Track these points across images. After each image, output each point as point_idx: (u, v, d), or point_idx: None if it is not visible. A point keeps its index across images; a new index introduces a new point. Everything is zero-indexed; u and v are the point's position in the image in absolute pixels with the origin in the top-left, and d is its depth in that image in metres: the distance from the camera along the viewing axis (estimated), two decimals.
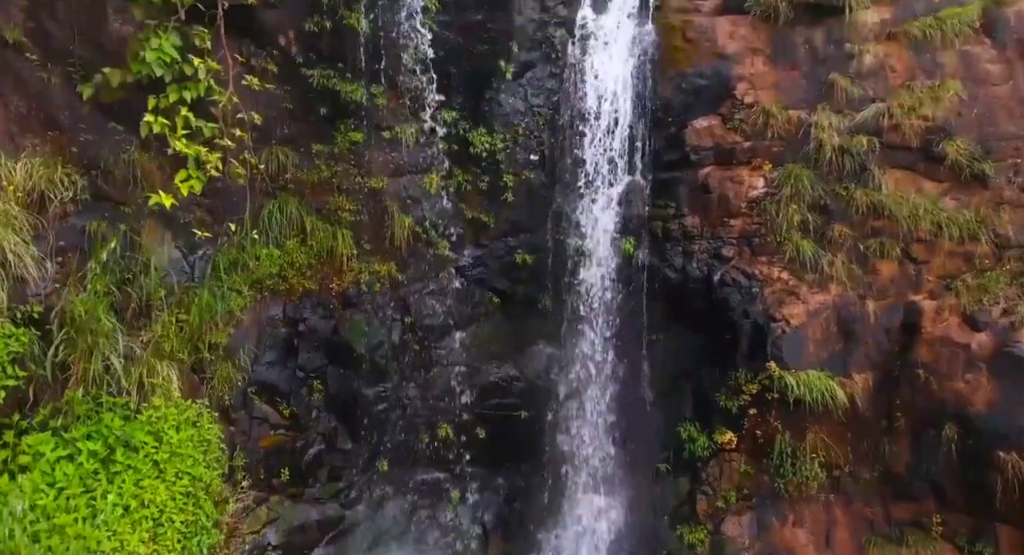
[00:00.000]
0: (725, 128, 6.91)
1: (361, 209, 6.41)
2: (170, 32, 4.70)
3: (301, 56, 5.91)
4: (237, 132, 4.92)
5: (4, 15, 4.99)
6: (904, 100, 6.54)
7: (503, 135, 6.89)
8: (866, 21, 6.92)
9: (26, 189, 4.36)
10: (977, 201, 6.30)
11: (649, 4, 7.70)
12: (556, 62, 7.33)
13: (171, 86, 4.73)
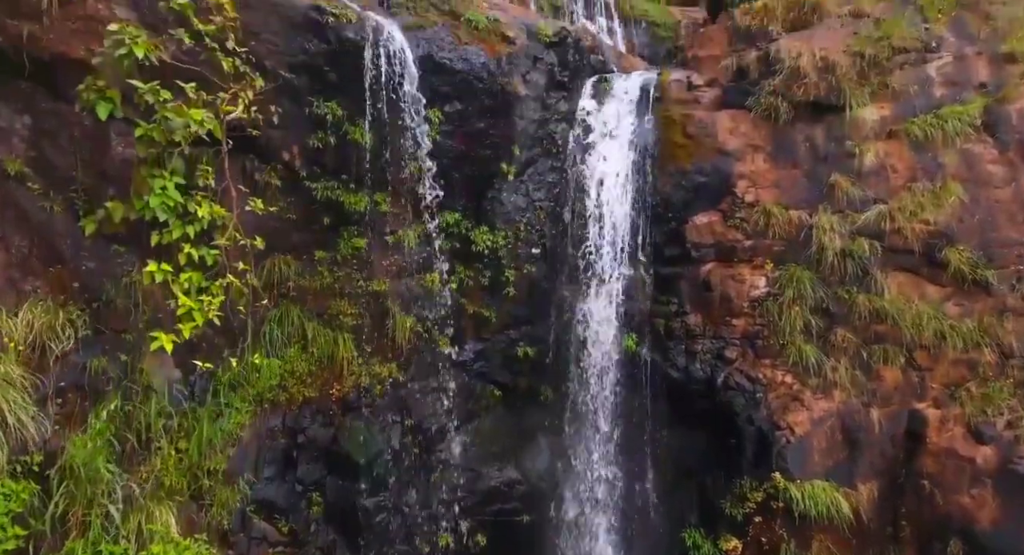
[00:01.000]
0: (726, 225, 6.92)
1: (363, 312, 6.40)
2: (174, 168, 4.72)
3: (305, 170, 5.91)
4: (240, 265, 4.92)
5: (5, 147, 5.01)
6: (905, 203, 6.55)
7: (505, 232, 6.89)
8: (866, 118, 6.94)
9: (27, 343, 4.36)
10: (980, 308, 6.29)
11: (649, 95, 7.77)
12: (557, 156, 7.35)
13: (175, 222, 4.74)
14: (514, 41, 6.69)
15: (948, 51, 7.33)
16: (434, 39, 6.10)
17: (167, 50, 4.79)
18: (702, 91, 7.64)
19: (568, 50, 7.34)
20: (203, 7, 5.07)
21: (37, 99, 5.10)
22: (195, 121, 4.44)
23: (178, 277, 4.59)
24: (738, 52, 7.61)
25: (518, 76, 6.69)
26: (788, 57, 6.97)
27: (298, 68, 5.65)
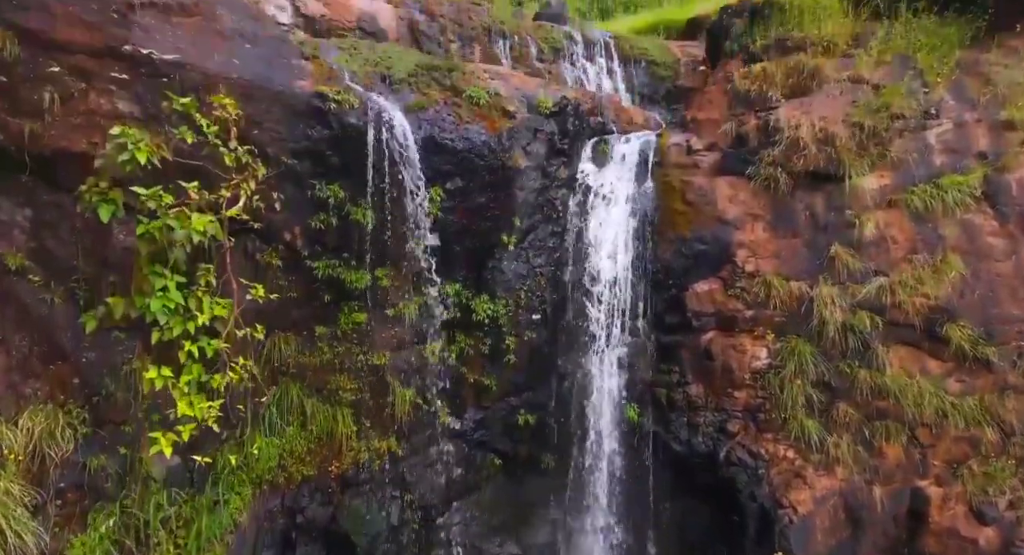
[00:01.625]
0: (726, 294, 6.92)
1: (362, 386, 6.38)
2: (175, 265, 4.72)
3: (307, 249, 5.91)
4: (241, 361, 4.91)
5: (7, 241, 5.01)
6: (906, 276, 6.56)
7: (505, 300, 6.88)
8: (866, 188, 6.96)
9: (27, 452, 4.35)
10: (982, 385, 6.29)
11: (649, 160, 7.79)
12: (557, 221, 7.35)
13: (175, 320, 4.73)
14: (514, 115, 6.71)
15: (948, 117, 7.36)
16: (435, 120, 6.12)
17: (169, 147, 4.80)
18: (701, 155, 7.66)
19: (568, 118, 7.37)
20: (206, 102, 5.12)
21: (38, 192, 5.11)
22: (198, 231, 4.45)
23: (179, 381, 4.58)
24: (737, 116, 7.64)
25: (519, 149, 6.71)
26: (787, 127, 7.00)
27: (300, 154, 5.66)
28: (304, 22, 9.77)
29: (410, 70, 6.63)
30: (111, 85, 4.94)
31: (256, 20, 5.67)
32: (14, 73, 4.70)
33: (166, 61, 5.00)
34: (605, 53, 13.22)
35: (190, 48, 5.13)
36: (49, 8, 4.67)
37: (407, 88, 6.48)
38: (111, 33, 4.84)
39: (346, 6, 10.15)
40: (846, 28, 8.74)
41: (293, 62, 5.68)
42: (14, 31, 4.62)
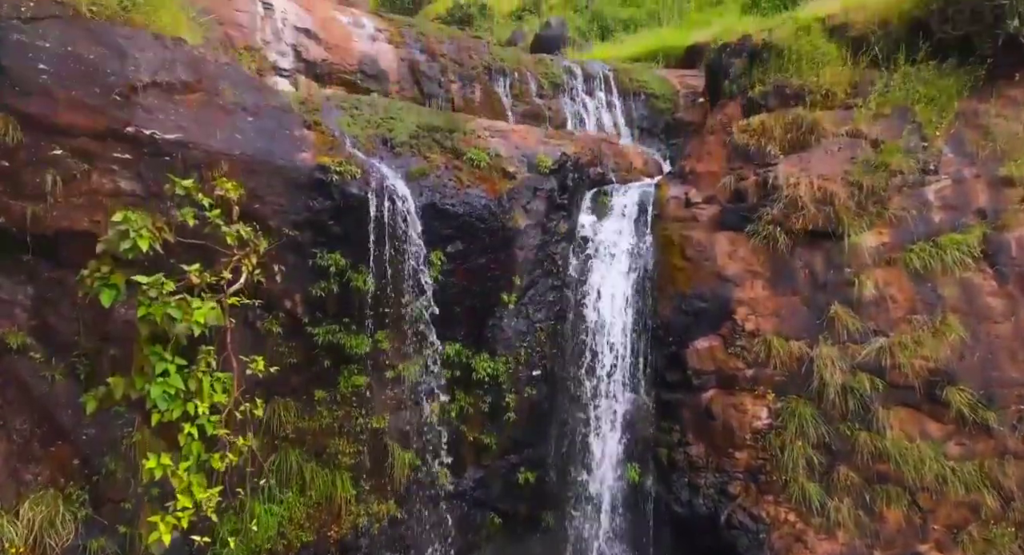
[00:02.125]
0: (726, 352, 6.93)
1: (362, 450, 6.37)
2: (175, 348, 4.72)
3: (307, 316, 5.92)
4: (241, 441, 4.91)
5: (8, 320, 5.01)
6: (906, 337, 6.56)
7: (506, 357, 6.88)
8: (865, 245, 6.98)
9: (27, 543, 4.34)
10: (982, 449, 6.28)
11: (648, 212, 7.82)
12: (557, 275, 7.37)
13: (175, 403, 4.73)
14: (515, 176, 6.75)
15: (947, 172, 7.39)
16: (437, 186, 6.15)
17: (171, 229, 4.82)
18: (700, 208, 7.69)
19: (567, 174, 7.41)
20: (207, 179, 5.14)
21: (40, 269, 5.11)
22: (199, 324, 4.46)
23: (178, 469, 4.57)
24: (736, 171, 7.68)
25: (519, 208, 6.74)
26: (786, 185, 7.03)
27: (302, 224, 5.67)
28: (306, 67, 9.86)
29: (411, 132, 6.66)
30: (113, 165, 4.97)
31: (258, 91, 5.70)
32: (16, 157, 4.72)
33: (169, 140, 5.03)
34: (604, 87, 13.30)
35: (192, 126, 5.16)
36: (51, 93, 4.70)
37: (408, 151, 6.50)
38: (113, 116, 4.87)
39: (347, 50, 10.22)
40: (844, 76, 8.79)
41: (295, 133, 5.71)
42: (16, 116, 4.64)
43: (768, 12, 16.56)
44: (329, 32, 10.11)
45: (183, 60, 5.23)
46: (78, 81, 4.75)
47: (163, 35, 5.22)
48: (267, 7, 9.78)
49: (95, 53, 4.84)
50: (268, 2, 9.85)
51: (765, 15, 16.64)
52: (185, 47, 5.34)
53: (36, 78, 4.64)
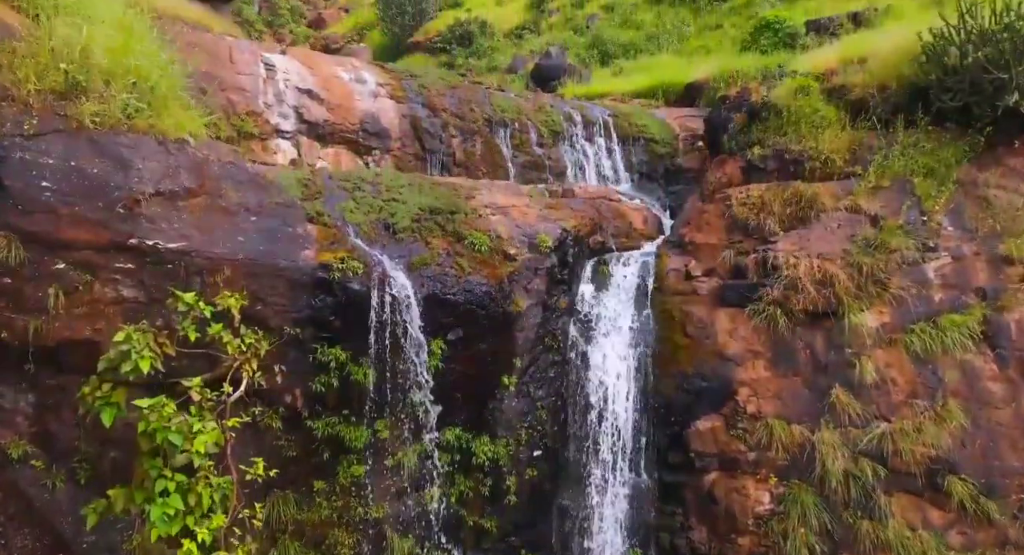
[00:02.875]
0: (728, 434, 6.91)
1: (361, 540, 6.35)
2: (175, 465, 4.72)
3: (307, 409, 5.92)
4: (240, 552, 4.90)
5: (10, 430, 5.02)
6: (907, 423, 6.55)
7: (506, 440, 6.86)
8: (865, 325, 6.98)
9: None
10: (983, 539, 6.25)
11: (648, 284, 7.84)
12: (558, 350, 7.36)
13: (175, 521, 4.72)
14: (515, 258, 6.77)
15: (946, 246, 7.40)
16: (438, 276, 6.16)
17: (173, 341, 4.83)
18: (700, 281, 7.70)
19: (568, 250, 7.43)
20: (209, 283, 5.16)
21: (41, 377, 5.12)
22: (199, 455, 4.46)
23: None
24: (735, 244, 7.70)
25: (519, 290, 6.75)
26: (786, 265, 7.06)
27: (303, 322, 5.69)
28: (307, 127, 9.90)
29: (413, 215, 6.68)
30: (116, 275, 4.99)
31: (261, 189, 5.73)
32: (18, 274, 4.73)
33: (171, 249, 5.05)
34: (604, 132, 13.36)
35: (195, 232, 5.18)
36: (55, 210, 4.72)
37: (410, 237, 6.51)
38: (117, 229, 4.90)
39: (349, 109, 10.26)
40: (843, 141, 8.83)
41: (298, 230, 5.73)
42: (19, 235, 4.66)
43: (768, 50, 16.67)
44: (331, 92, 10.17)
45: (186, 165, 5.27)
46: (81, 196, 4.78)
47: (166, 140, 5.26)
48: (269, 68, 9.84)
49: (98, 166, 4.87)
50: (270, 63, 9.94)
51: (765, 53, 16.75)
52: (188, 150, 5.37)
53: (39, 196, 4.67)
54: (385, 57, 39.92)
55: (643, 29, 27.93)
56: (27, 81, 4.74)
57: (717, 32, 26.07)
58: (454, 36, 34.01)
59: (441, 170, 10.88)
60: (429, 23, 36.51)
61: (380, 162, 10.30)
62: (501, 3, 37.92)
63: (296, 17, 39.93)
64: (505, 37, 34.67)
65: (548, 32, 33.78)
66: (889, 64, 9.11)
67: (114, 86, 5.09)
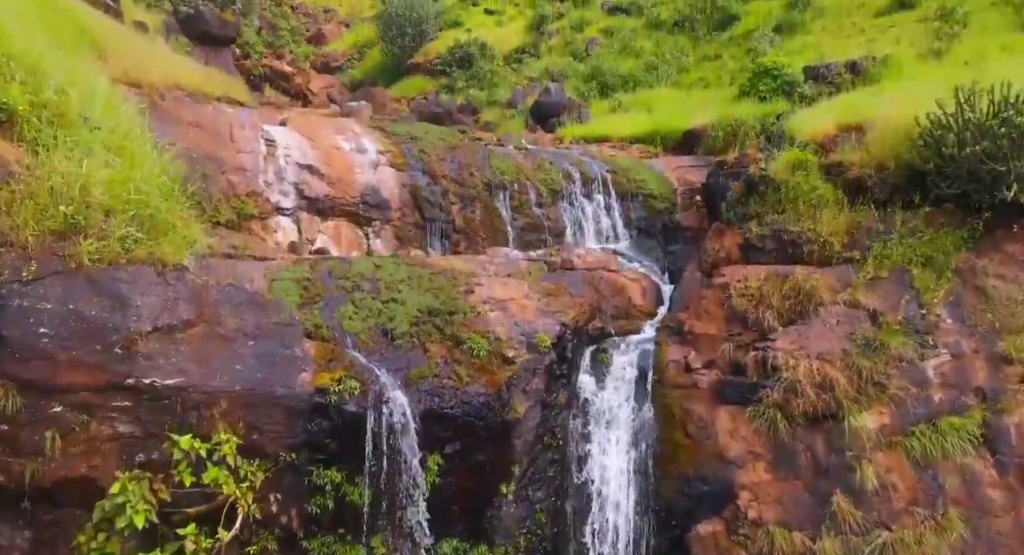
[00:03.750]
0: (730, 539, 6.87)
1: None
2: None
3: (302, 530, 5.88)
4: None
5: None
6: (907, 533, 6.49)
7: (504, 547, 6.78)
8: (865, 427, 6.96)
9: None
10: None
11: (648, 375, 7.82)
12: (558, 448, 7.33)
13: None
14: (514, 360, 6.75)
15: (945, 342, 7.37)
16: (435, 390, 6.15)
17: (168, 486, 4.82)
18: (700, 374, 7.68)
19: (567, 345, 7.43)
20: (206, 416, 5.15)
21: (38, 513, 5.09)
22: None
23: None
24: (734, 337, 7.69)
25: (518, 394, 6.73)
26: (785, 367, 7.03)
27: (299, 446, 5.67)
28: (308, 203, 9.93)
29: (412, 318, 6.68)
30: (112, 413, 4.97)
31: (259, 309, 5.73)
32: (15, 420, 4.72)
33: (169, 386, 5.05)
34: (603, 189, 13.39)
35: (192, 366, 5.18)
36: (52, 356, 4.72)
37: (409, 343, 6.50)
38: (114, 370, 4.89)
39: (349, 183, 10.29)
40: (842, 223, 8.82)
41: (296, 351, 5.72)
42: (16, 383, 4.65)
43: (767, 96, 16.73)
44: (332, 166, 10.20)
45: (185, 296, 5.27)
46: (79, 340, 4.78)
47: (165, 270, 5.27)
48: (270, 144, 9.88)
49: (97, 307, 4.87)
50: (271, 138, 9.98)
51: (764, 100, 16.82)
52: (187, 278, 5.38)
53: (37, 343, 4.67)
54: (385, 77, 40.25)
55: (642, 57, 28.11)
56: (26, 226, 4.75)
57: (716, 63, 26.25)
58: (454, 58, 34.20)
59: (441, 238, 10.91)
60: (429, 44, 36.67)
61: (380, 232, 10.33)
62: (501, 23, 38.18)
63: (296, 37, 40.12)
64: (505, 59, 34.90)
65: (548, 55, 33.96)
66: (886, 144, 9.13)
67: (114, 220, 5.10)
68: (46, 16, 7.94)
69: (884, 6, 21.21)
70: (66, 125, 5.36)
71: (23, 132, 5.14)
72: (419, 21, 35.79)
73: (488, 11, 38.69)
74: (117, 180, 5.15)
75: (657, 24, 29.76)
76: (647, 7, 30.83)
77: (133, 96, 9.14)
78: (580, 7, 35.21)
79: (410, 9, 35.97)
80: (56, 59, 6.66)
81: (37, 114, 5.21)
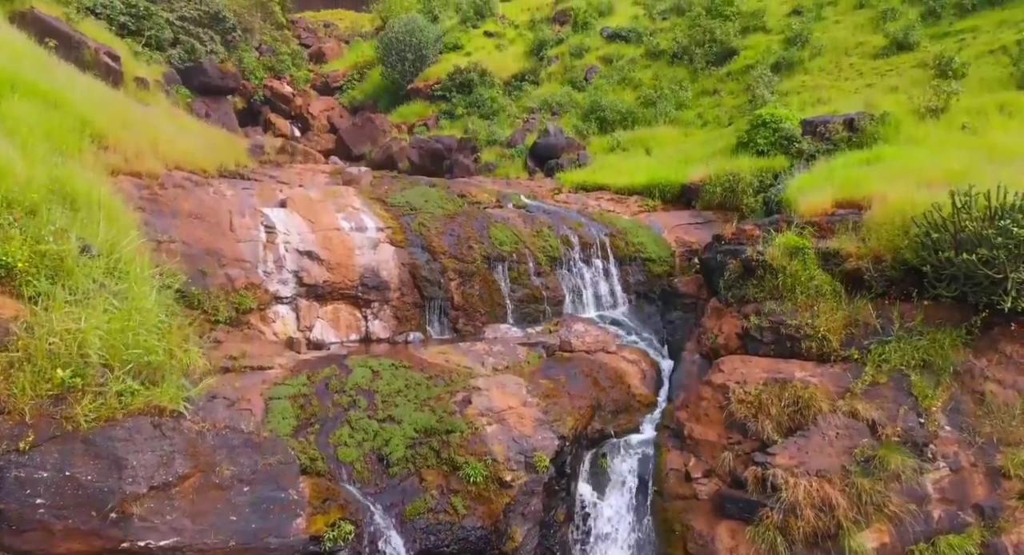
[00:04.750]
0: None
1: None
2: None
3: None
4: None
5: None
6: None
7: None
8: (865, 547, 6.94)
9: None
10: None
11: (648, 485, 7.80)
12: None
13: None
14: (512, 484, 6.73)
15: (945, 455, 7.33)
16: (431, 528, 6.12)
17: None
18: (700, 484, 7.67)
19: (565, 459, 7.41)
20: None
21: None
22: None
23: None
24: (734, 446, 7.68)
25: (516, 519, 6.70)
26: (785, 486, 7.01)
27: None
28: (307, 290, 9.92)
29: (408, 440, 6.66)
30: None
31: (255, 450, 5.69)
32: None
33: (163, 547, 5.01)
34: (601, 253, 13.43)
35: (187, 523, 5.15)
36: (48, 527, 4.69)
37: (404, 470, 6.48)
38: (109, 535, 4.84)
39: (348, 266, 10.30)
40: (839, 320, 8.82)
41: (291, 494, 5.66)
42: (13, 554, 4.65)
43: (765, 150, 16.78)
44: (331, 250, 10.20)
45: (181, 448, 5.25)
46: (75, 508, 4.75)
47: (162, 421, 5.25)
48: (270, 231, 9.89)
49: (93, 470, 4.86)
50: (271, 225, 9.99)
51: (762, 154, 16.87)
52: (184, 427, 5.36)
53: (33, 515, 4.64)
54: (386, 98, 40.34)
55: (641, 89, 28.27)
56: (23, 393, 4.76)
57: (714, 99, 26.38)
58: (454, 84, 34.37)
59: (440, 315, 10.90)
60: (429, 68, 36.84)
61: (379, 313, 10.33)
62: (500, 47, 38.35)
63: (297, 60, 40.29)
64: (505, 85, 35.01)
65: (547, 82, 34.11)
66: (883, 235, 9.15)
67: (111, 374, 5.11)
68: (45, 118, 7.97)
69: (882, 47, 21.32)
70: (65, 272, 5.37)
71: (22, 287, 5.16)
72: (419, 46, 35.97)
73: (488, 34, 38.89)
74: (115, 330, 5.15)
75: (656, 54, 29.88)
76: (646, 35, 30.99)
77: (134, 190, 9.20)
78: (580, 32, 35.36)
79: (410, 34, 36.16)
80: (56, 177, 6.73)
81: (36, 265, 5.22)
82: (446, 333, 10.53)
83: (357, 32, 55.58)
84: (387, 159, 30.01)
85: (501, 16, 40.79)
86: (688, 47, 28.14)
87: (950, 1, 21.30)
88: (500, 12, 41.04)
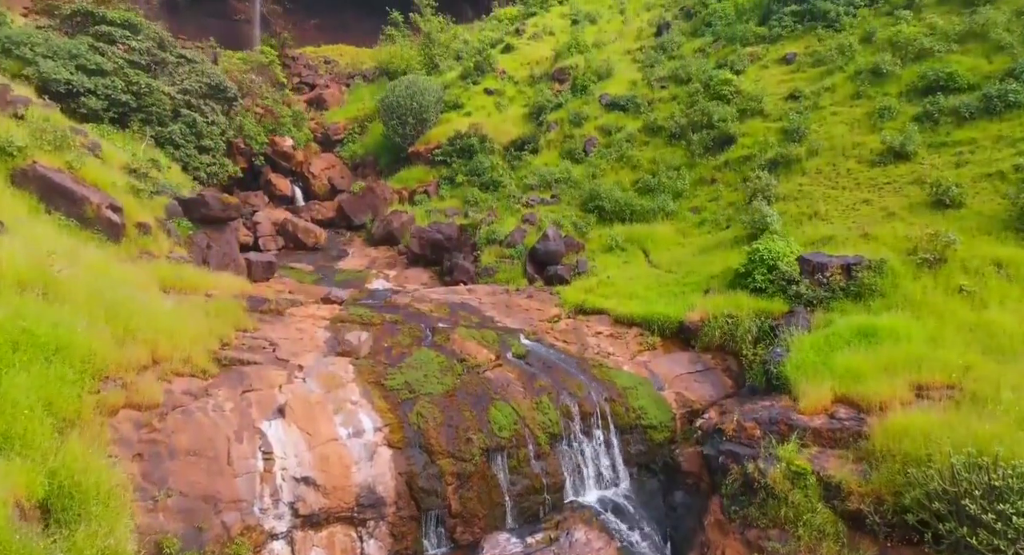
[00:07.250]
0: None
1: None
2: None
3: None
4: None
5: None
6: None
7: None
8: None
9: None
10: None
11: None
12: None
13: None
14: None
15: None
16: None
17: None
18: None
19: None
20: None
21: None
22: None
23: None
24: None
25: None
26: None
27: None
28: (302, 521, 9.78)
29: None
30: None
31: None
32: None
33: None
34: (601, 423, 13.34)
35: None
36: None
37: None
38: None
39: (345, 489, 10.15)
40: None
41: None
42: None
43: (765, 287, 16.73)
44: (328, 471, 10.06)
45: None
46: None
47: None
48: (267, 457, 9.75)
49: None
50: (269, 450, 9.87)
51: (762, 291, 16.81)
52: None
53: None
54: (387, 162, 40.53)
55: (639, 170, 28.44)
56: None
57: (711, 188, 26.46)
58: (454, 149, 34.62)
59: (436, 526, 10.75)
60: (431, 131, 37.05)
61: (375, 532, 10.19)
62: (500, 107, 38.60)
63: (298, 120, 40.55)
64: (504, 150, 35.23)
65: (546, 150, 34.24)
66: (884, 474, 9.15)
67: None
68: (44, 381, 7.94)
69: (879, 153, 21.28)
70: None
71: None
72: (420, 111, 36.18)
73: (488, 91, 39.17)
74: None
75: (654, 130, 29.98)
76: (644, 104, 31.11)
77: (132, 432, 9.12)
78: (579, 96, 35.55)
79: (411, 98, 36.35)
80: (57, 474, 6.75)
81: None
82: (443, 545, 10.40)
83: (357, 70, 55.69)
84: (387, 235, 30.18)
85: (501, 71, 41.05)
86: (685, 128, 28.20)
87: (947, 106, 21.17)
88: (500, 67, 41.34)
